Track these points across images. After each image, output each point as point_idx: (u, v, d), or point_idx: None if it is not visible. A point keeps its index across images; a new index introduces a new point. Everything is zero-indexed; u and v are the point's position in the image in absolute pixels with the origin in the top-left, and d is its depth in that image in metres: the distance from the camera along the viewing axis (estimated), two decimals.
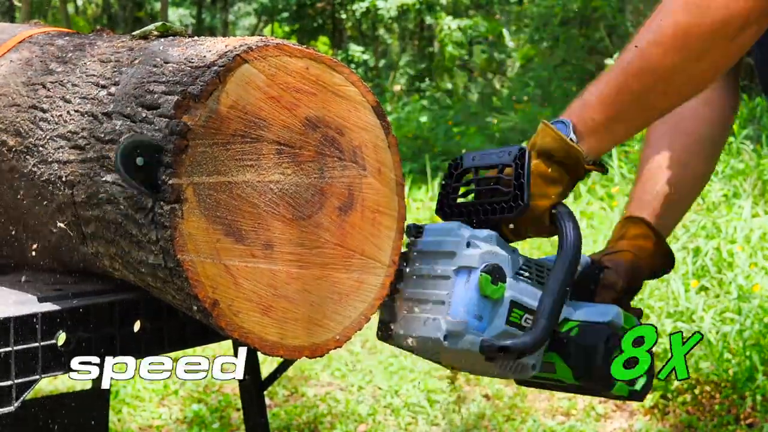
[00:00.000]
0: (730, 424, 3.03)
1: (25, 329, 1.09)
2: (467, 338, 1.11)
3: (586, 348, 1.18)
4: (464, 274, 1.13)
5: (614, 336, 1.19)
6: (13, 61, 1.46)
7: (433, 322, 1.12)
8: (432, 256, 1.17)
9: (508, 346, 1.10)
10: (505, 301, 1.14)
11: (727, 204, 4.55)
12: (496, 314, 1.14)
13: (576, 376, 1.20)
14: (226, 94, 0.97)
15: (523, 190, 1.16)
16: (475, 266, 1.12)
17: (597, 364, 1.17)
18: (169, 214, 0.94)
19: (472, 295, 1.12)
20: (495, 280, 1.12)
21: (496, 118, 9.79)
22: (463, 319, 1.11)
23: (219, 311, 0.97)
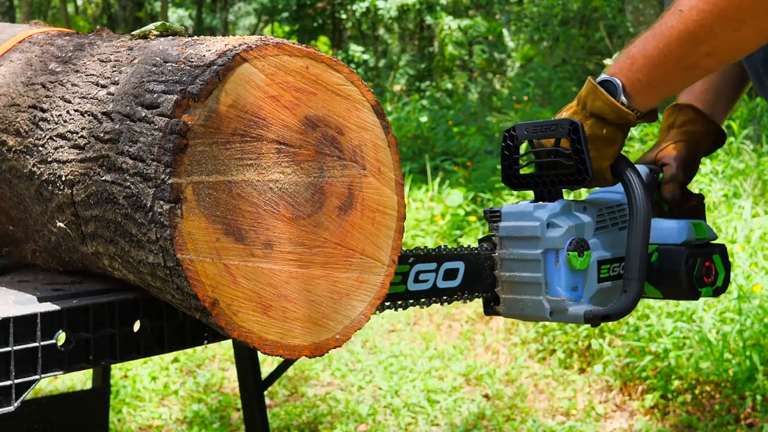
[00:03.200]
0: (730, 424, 3.03)
1: (25, 329, 1.09)
2: (570, 311, 1.23)
3: (670, 273, 1.31)
4: (552, 255, 1.23)
5: (692, 254, 1.32)
6: (13, 61, 1.46)
7: (536, 303, 1.24)
8: (517, 240, 1.27)
9: (610, 314, 1.21)
10: (593, 265, 1.26)
11: (727, 204, 4.54)
12: (588, 279, 1.26)
13: (665, 295, 1.34)
14: (226, 93, 0.97)
15: (585, 164, 1.24)
16: (561, 247, 1.23)
17: (683, 285, 1.31)
18: (169, 213, 0.94)
19: (565, 273, 1.23)
20: (581, 253, 1.23)
21: (496, 118, 9.78)
22: (561, 297, 1.23)
23: (218, 310, 0.97)
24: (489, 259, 1.29)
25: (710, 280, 1.35)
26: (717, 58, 1.18)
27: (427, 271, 1.24)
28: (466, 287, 1.27)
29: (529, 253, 1.25)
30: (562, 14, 11.45)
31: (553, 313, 1.24)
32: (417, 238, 5.78)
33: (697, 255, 1.33)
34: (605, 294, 1.28)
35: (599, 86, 1.24)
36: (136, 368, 3.84)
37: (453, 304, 1.10)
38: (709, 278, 1.34)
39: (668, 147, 1.47)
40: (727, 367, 3.19)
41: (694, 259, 1.32)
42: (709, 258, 1.35)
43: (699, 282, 1.33)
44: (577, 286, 1.24)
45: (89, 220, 1.12)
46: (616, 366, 3.53)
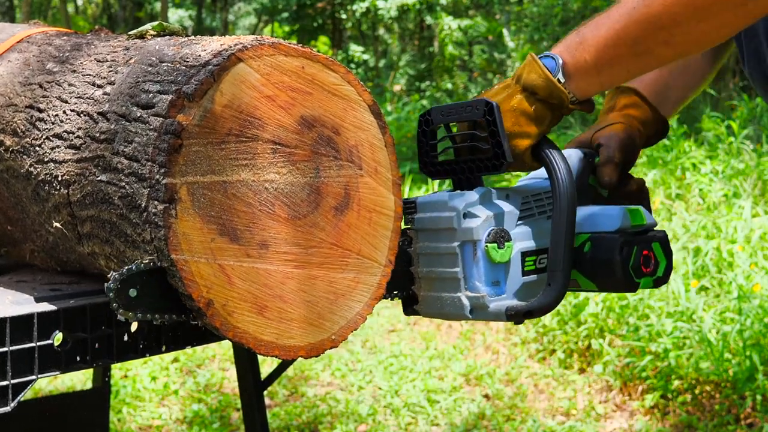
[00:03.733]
0: (730, 424, 3.03)
1: (22, 329, 1.09)
2: (491, 308, 1.14)
3: (603, 263, 1.20)
4: (469, 248, 1.14)
5: (627, 243, 1.21)
6: (11, 61, 1.46)
7: (455, 301, 1.16)
8: (432, 233, 1.18)
9: (532, 310, 1.12)
10: (515, 257, 1.17)
11: (727, 204, 4.54)
12: (511, 273, 1.17)
13: (600, 287, 1.24)
14: (221, 93, 0.97)
15: (502, 147, 1.16)
16: (478, 239, 1.14)
17: (617, 276, 1.20)
18: (163, 213, 0.93)
19: (484, 266, 1.14)
20: (501, 244, 1.14)
21: None
22: (481, 293, 1.14)
23: (213, 311, 0.97)
24: (404, 255, 1.20)
25: (649, 270, 1.23)
26: (672, 48, 1.12)
27: None
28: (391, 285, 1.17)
29: (444, 246, 1.16)
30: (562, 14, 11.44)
31: (474, 311, 1.15)
32: None
33: (633, 243, 1.21)
34: (531, 288, 1.19)
35: (538, 60, 1.17)
36: (136, 368, 3.84)
37: None
38: (648, 268, 1.23)
39: (605, 128, 1.38)
40: (727, 367, 3.19)
41: (629, 247, 1.20)
42: (648, 246, 1.24)
43: (636, 272, 1.21)
44: (498, 280, 1.15)
45: (85, 221, 1.12)
46: (616, 366, 3.53)
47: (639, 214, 1.26)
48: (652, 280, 1.25)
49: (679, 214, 4.51)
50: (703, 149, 5.48)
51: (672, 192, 4.91)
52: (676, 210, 4.58)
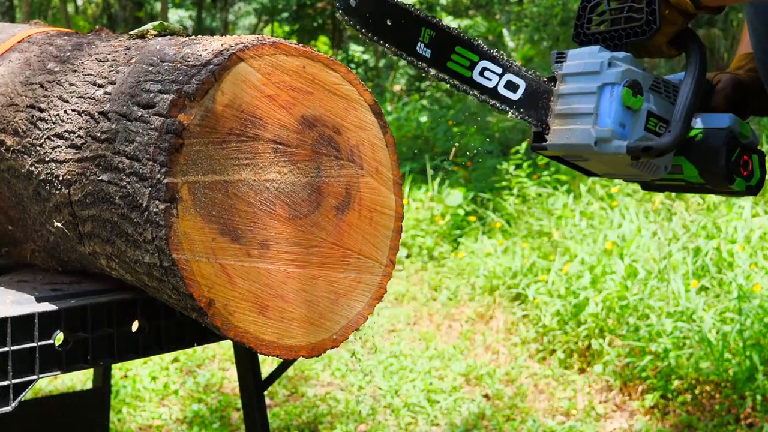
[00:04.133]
0: (730, 424, 3.03)
1: (23, 329, 1.09)
2: (614, 143, 1.29)
3: (711, 149, 1.38)
4: (608, 89, 1.30)
5: (733, 139, 1.38)
6: (12, 60, 1.46)
7: (584, 131, 1.31)
8: (577, 76, 1.35)
9: (651, 145, 1.28)
10: (643, 111, 1.32)
11: (727, 204, 4.54)
12: (636, 122, 1.32)
13: (701, 174, 1.40)
14: (222, 92, 0.97)
15: (655, 15, 1.32)
16: (617, 82, 1.30)
17: (720, 163, 1.37)
18: (164, 213, 0.94)
19: (616, 107, 1.29)
20: (635, 93, 1.30)
21: (496, 118, 9.78)
22: (609, 127, 1.29)
23: (214, 311, 0.97)
24: (548, 92, 1.36)
25: (746, 174, 1.40)
26: None
27: (493, 72, 1.33)
28: (522, 105, 1.34)
29: (587, 86, 1.32)
30: (562, 14, 11.44)
31: (598, 143, 1.29)
32: (417, 238, 5.78)
33: (737, 143, 1.38)
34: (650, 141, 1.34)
35: None
36: (136, 368, 3.84)
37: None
38: (745, 171, 1.40)
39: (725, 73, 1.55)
40: (727, 367, 3.19)
41: (734, 143, 1.38)
42: (749, 154, 1.41)
43: (735, 169, 1.38)
44: (625, 123, 1.30)
45: (86, 220, 1.12)
46: (616, 366, 3.53)
47: (747, 126, 1.43)
48: (746, 185, 1.41)
49: (679, 214, 4.50)
50: None
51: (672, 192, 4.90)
52: (676, 210, 4.58)
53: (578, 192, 5.34)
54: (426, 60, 1.29)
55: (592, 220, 4.80)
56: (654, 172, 1.39)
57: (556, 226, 4.87)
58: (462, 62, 1.31)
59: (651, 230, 4.31)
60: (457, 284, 4.91)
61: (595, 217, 4.82)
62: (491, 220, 5.59)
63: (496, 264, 4.76)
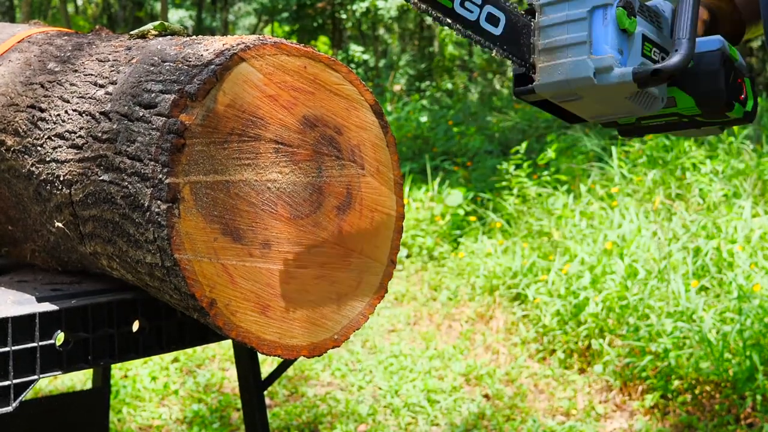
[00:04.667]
0: (730, 424, 3.03)
1: (24, 329, 1.08)
2: (615, 71, 1.14)
3: (707, 73, 1.25)
4: (600, 12, 1.16)
5: (728, 60, 1.26)
6: (12, 60, 1.46)
7: (580, 63, 1.15)
8: (560, 3, 1.20)
9: (660, 68, 1.13)
10: (638, 35, 1.19)
11: (727, 204, 4.54)
12: (633, 47, 1.18)
13: (699, 102, 1.27)
14: (223, 92, 0.97)
15: None
16: (610, 2, 1.16)
17: (719, 86, 1.24)
18: (166, 213, 0.93)
19: (612, 30, 1.15)
20: (630, 14, 1.17)
21: (496, 118, 9.78)
22: (609, 54, 1.14)
23: (216, 310, 0.97)
24: (527, 26, 1.21)
25: (742, 98, 1.29)
26: None
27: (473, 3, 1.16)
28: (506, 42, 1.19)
29: (574, 12, 1.18)
30: None
31: (598, 74, 1.15)
32: (417, 238, 5.78)
33: (732, 65, 1.27)
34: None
35: None
36: (136, 368, 3.84)
37: None
38: (741, 95, 1.29)
39: None
40: (727, 367, 3.19)
41: (730, 64, 1.26)
42: (741, 76, 1.31)
43: (733, 92, 1.27)
44: (622, 49, 1.17)
45: (87, 220, 1.12)
46: (616, 366, 3.53)
47: (734, 50, 1.31)
48: (743, 111, 1.30)
49: (679, 214, 4.51)
50: (703, 149, 5.48)
51: (672, 192, 4.91)
52: (676, 210, 4.58)
53: (578, 192, 5.34)
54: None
55: (592, 220, 4.80)
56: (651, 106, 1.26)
57: (556, 226, 4.87)
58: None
59: (651, 230, 4.31)
60: (457, 284, 4.91)
61: (595, 217, 4.82)
62: (491, 220, 5.60)
63: (496, 264, 4.76)
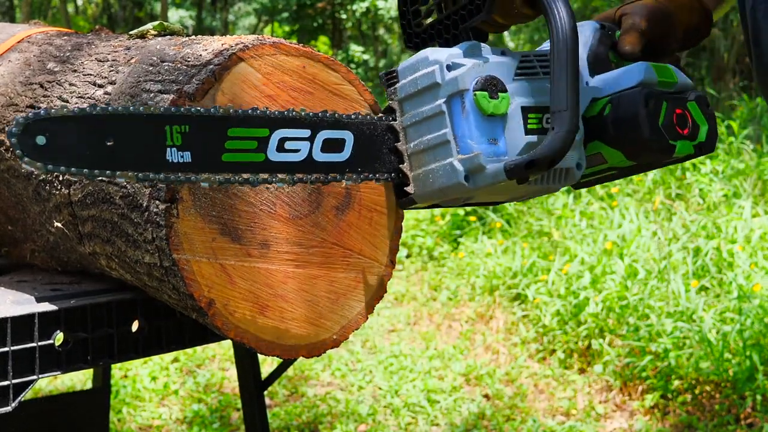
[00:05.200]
0: (730, 424, 3.03)
1: (23, 329, 1.08)
2: (489, 169, 0.97)
3: (627, 121, 1.03)
4: (457, 102, 0.98)
5: (653, 95, 1.04)
6: (12, 60, 1.46)
7: (447, 168, 0.99)
8: (416, 96, 1.03)
9: (534, 159, 0.94)
10: (514, 110, 1.00)
11: (727, 204, 4.54)
12: (510, 129, 0.99)
13: (629, 155, 1.06)
14: (222, 92, 0.97)
15: None
16: (466, 88, 0.98)
17: (645, 135, 1.03)
18: (165, 213, 0.93)
19: (475, 120, 0.98)
20: (494, 93, 0.98)
21: None
22: (475, 152, 0.97)
23: (215, 311, 0.97)
24: (389, 131, 1.04)
25: (687, 132, 1.06)
26: None
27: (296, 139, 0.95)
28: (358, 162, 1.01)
29: (430, 107, 1.00)
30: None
31: (470, 176, 0.98)
32: (417, 238, 5.78)
33: (661, 97, 1.04)
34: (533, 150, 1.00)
35: None
36: (136, 368, 3.84)
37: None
38: (684, 129, 1.06)
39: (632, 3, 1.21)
40: (727, 367, 3.19)
41: (657, 101, 1.03)
42: (682, 105, 1.07)
43: (670, 132, 1.04)
44: (495, 138, 0.98)
45: (86, 220, 1.12)
46: (616, 366, 3.53)
47: (668, 70, 1.09)
48: (693, 146, 1.08)
49: (679, 214, 4.50)
50: None
51: (672, 192, 4.91)
52: (676, 210, 4.58)
53: (578, 192, 5.34)
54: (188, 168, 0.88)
55: (592, 220, 4.80)
56: (566, 179, 1.06)
57: (556, 226, 4.87)
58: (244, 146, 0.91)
59: (651, 230, 4.31)
60: (457, 284, 4.91)
61: (595, 217, 4.82)
62: (491, 220, 5.59)
63: (496, 264, 4.76)
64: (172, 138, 0.86)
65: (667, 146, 1.04)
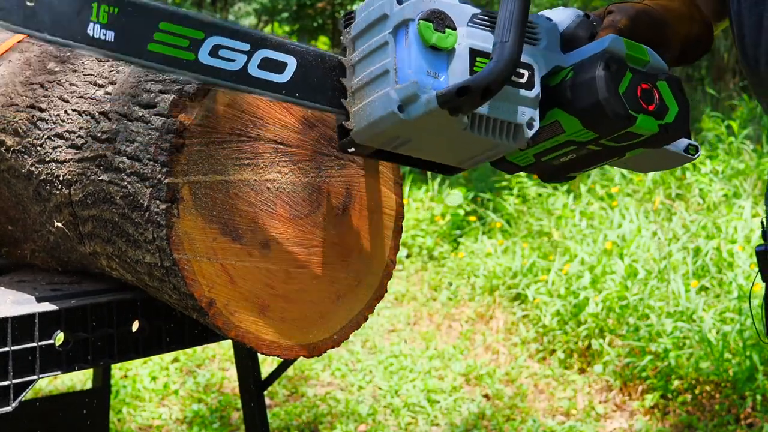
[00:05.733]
0: (730, 424, 3.03)
1: (23, 329, 1.09)
2: (422, 99, 0.93)
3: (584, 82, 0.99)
4: (402, 32, 0.95)
5: (615, 60, 1.00)
6: (12, 60, 1.46)
7: (383, 97, 0.95)
8: (366, 32, 1.00)
9: (467, 85, 0.90)
10: (462, 50, 0.96)
11: (727, 204, 4.54)
12: (456, 67, 0.96)
13: (585, 123, 1.02)
14: (223, 92, 0.97)
15: None
16: (411, 17, 0.95)
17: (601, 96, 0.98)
18: (165, 213, 0.94)
19: (417, 50, 0.94)
20: (440, 27, 0.95)
21: None
22: (412, 80, 0.93)
23: (215, 310, 0.97)
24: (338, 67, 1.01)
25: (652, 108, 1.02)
26: None
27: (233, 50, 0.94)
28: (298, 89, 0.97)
29: (377, 39, 0.98)
30: None
31: (404, 106, 0.93)
32: (417, 238, 5.78)
33: (625, 67, 1.01)
34: None
35: None
36: (136, 368, 3.84)
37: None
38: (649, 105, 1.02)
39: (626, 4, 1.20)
40: (727, 367, 3.19)
41: (620, 68, 1.00)
42: (650, 81, 1.03)
43: (631, 102, 1.00)
44: (437, 72, 0.95)
45: (87, 220, 1.12)
46: (616, 366, 3.53)
47: (641, 49, 1.06)
48: (658, 124, 1.03)
49: (679, 214, 4.51)
50: (703, 149, 5.48)
51: (672, 192, 4.91)
52: (676, 210, 4.58)
53: (578, 192, 5.34)
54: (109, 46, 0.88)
55: (592, 220, 4.80)
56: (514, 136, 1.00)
57: (556, 226, 4.87)
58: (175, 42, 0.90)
59: (651, 230, 4.31)
60: (457, 284, 4.91)
61: (595, 217, 4.82)
62: (491, 220, 5.60)
63: (496, 264, 4.76)
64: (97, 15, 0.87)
65: (625, 114, 1.00)
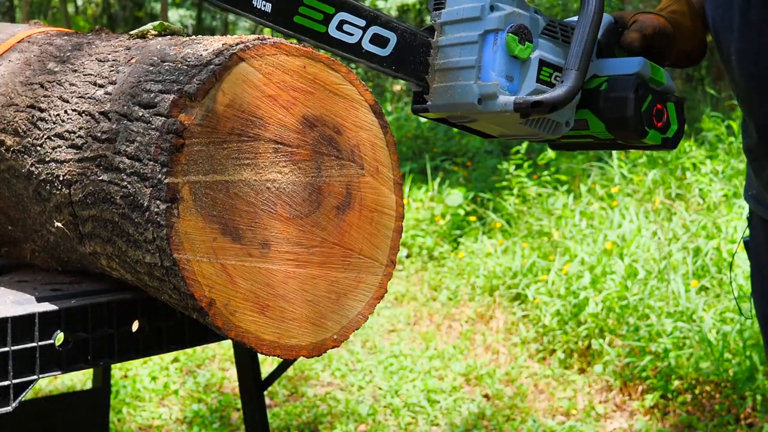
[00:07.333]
0: (730, 424, 3.03)
1: (23, 329, 1.09)
2: (500, 99, 1.15)
3: (617, 99, 1.24)
4: (491, 38, 1.16)
5: (643, 85, 1.25)
6: (12, 60, 1.46)
7: (466, 88, 1.16)
8: (457, 24, 1.19)
9: (542, 100, 1.13)
10: (533, 60, 1.19)
11: (727, 204, 4.54)
12: (527, 74, 1.18)
13: (609, 128, 1.26)
14: (223, 92, 0.97)
15: None
16: (501, 28, 1.16)
17: (629, 114, 1.23)
18: (165, 213, 0.94)
19: (501, 56, 1.16)
20: (522, 40, 1.17)
21: None
22: (494, 81, 1.16)
23: (215, 310, 0.97)
24: (425, 45, 1.21)
25: (660, 125, 1.27)
26: None
27: (353, 25, 1.15)
28: (395, 62, 1.18)
29: (467, 35, 1.18)
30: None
31: (482, 100, 1.16)
32: (417, 238, 5.78)
33: (648, 90, 1.26)
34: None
35: None
36: (136, 368, 3.84)
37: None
38: (659, 122, 1.27)
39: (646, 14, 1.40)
40: (727, 367, 3.19)
41: (645, 90, 1.25)
42: (663, 102, 1.28)
43: (647, 120, 1.25)
44: (513, 76, 1.17)
45: (87, 220, 1.12)
46: (616, 366, 3.53)
47: (660, 72, 1.30)
48: (661, 137, 1.28)
49: (679, 214, 4.51)
50: (704, 149, 5.48)
51: (672, 192, 4.91)
52: (676, 210, 4.58)
53: (578, 192, 5.34)
54: (266, 16, 1.10)
55: (592, 220, 4.80)
56: (553, 131, 1.25)
57: (556, 226, 4.87)
58: (313, 15, 1.12)
59: (651, 230, 4.31)
60: (457, 284, 4.91)
61: (595, 217, 4.82)
62: (491, 220, 5.60)
63: (496, 264, 4.76)
64: None
65: (642, 130, 1.25)
